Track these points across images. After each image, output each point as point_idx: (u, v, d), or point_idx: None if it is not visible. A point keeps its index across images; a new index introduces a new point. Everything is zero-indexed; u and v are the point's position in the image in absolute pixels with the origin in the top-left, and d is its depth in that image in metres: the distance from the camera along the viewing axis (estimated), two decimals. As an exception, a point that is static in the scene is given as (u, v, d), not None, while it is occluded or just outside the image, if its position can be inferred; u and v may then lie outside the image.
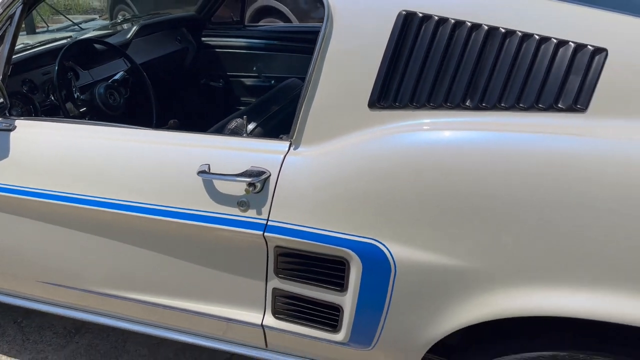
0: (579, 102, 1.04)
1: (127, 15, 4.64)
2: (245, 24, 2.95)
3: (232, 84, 2.89)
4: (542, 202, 1.01)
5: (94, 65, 2.21)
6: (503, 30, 1.08)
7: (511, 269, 1.06)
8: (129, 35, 2.52)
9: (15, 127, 1.52)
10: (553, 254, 1.03)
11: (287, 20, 5.14)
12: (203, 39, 2.90)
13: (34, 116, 1.88)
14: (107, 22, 5.37)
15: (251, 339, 1.46)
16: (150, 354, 2.07)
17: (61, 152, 1.43)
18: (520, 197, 1.03)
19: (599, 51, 1.03)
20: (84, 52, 2.16)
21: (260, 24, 4.86)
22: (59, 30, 3.12)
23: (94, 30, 2.70)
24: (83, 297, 1.62)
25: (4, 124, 1.53)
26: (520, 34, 1.07)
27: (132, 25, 2.60)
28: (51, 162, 1.44)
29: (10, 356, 2.10)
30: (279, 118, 1.64)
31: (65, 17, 3.50)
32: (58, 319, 2.28)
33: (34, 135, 1.50)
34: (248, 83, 2.87)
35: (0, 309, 2.35)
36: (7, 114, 1.56)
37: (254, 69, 2.82)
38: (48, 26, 3.63)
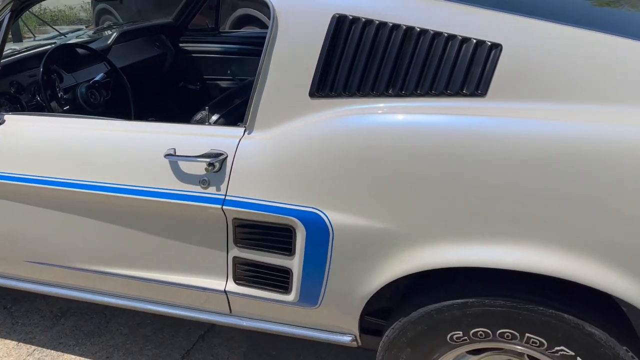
0: (479, 89, 1.25)
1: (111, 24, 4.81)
2: (220, 30, 3.15)
3: (209, 87, 3.09)
4: (449, 172, 1.22)
5: (77, 68, 2.40)
6: (418, 30, 1.29)
7: (426, 229, 1.26)
8: (109, 41, 2.71)
9: (4, 121, 1.71)
10: (459, 215, 1.23)
11: (266, 27, 5.35)
12: (180, 44, 3.10)
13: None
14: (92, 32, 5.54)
15: (217, 306, 1.64)
16: (130, 333, 2.25)
17: (45, 141, 1.62)
18: (431, 168, 1.23)
19: (495, 46, 1.25)
20: (67, 56, 2.34)
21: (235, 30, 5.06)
22: (45, 39, 3.30)
23: (77, 37, 2.89)
24: (66, 275, 1.79)
25: (-5, 118, 1.72)
26: (432, 32, 1.28)
27: (113, 32, 2.79)
28: (36, 151, 1.63)
29: (3, 335, 2.27)
30: (240, 110, 1.83)
31: (52, 27, 3.67)
32: (45, 304, 2.45)
33: (21, 128, 1.69)
34: (223, 85, 3.06)
35: (-11, 295, 2.52)
36: (-3, 110, 1.75)
37: (228, 72, 3.02)
38: (35, 36, 3.79)
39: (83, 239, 1.67)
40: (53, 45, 2.47)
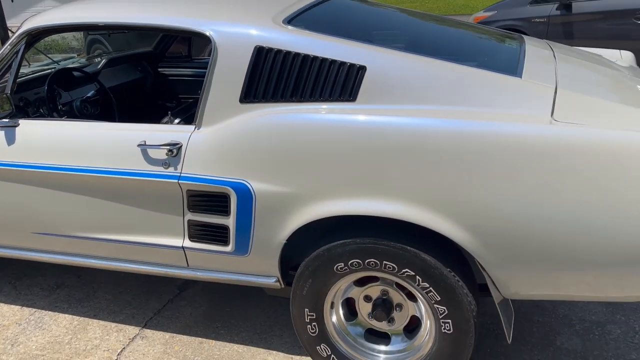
0: (351, 96, 1.85)
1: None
2: (192, 57, 3.76)
3: (183, 104, 3.68)
4: (331, 152, 1.80)
5: (73, 87, 2.97)
6: (312, 56, 1.89)
7: (316, 192, 1.83)
8: (99, 66, 3.30)
9: (19, 125, 2.28)
10: (338, 181, 1.80)
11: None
12: (159, 69, 3.70)
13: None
14: (84, 59, 6.13)
15: (177, 260, 2.20)
16: (114, 298, 2.79)
17: (50, 138, 2.19)
18: (319, 149, 1.81)
19: (362, 67, 1.85)
20: (65, 78, 2.93)
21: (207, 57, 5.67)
22: (40, 66, 3.85)
23: (72, 63, 3.48)
24: (63, 242, 2.34)
25: (11, 123, 2.28)
26: (320, 57, 1.88)
27: (102, 58, 3.39)
28: (43, 145, 2.20)
29: (6, 303, 2.79)
30: (193, 114, 2.41)
31: (46, 55, 4.24)
32: (43, 280, 2.98)
33: (31, 129, 2.26)
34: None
35: (-2, 273, 3.06)
36: (13, 117, 2.32)
37: (199, 92, 3.61)
38: (30, 64, 4.32)
39: (77, 212, 2.23)
40: (54, 69, 3.06)
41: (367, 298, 2.04)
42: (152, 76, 3.66)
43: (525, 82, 1.82)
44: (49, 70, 3.07)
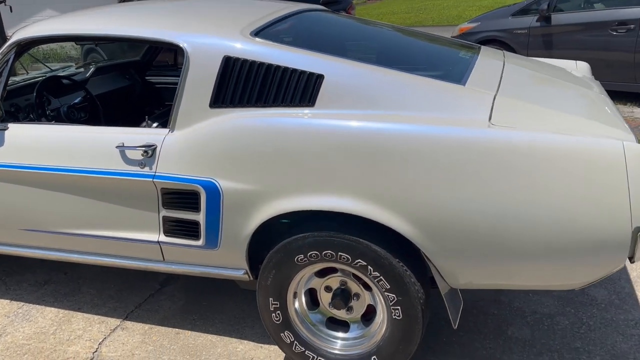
0: (310, 101, 2.02)
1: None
2: (178, 66, 3.94)
3: (169, 111, 3.85)
4: (290, 151, 1.97)
5: (62, 94, 3.15)
6: (275, 65, 2.06)
7: (277, 189, 2.00)
8: (88, 74, 3.48)
9: (8, 128, 2.45)
10: (296, 180, 1.97)
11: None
12: (146, 77, 3.88)
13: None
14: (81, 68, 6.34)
15: (154, 254, 2.36)
16: (97, 293, 2.95)
17: (36, 140, 2.36)
18: (280, 149, 1.98)
19: (320, 76, 2.02)
20: (54, 85, 3.10)
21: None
22: (38, 74, 4.05)
23: (65, 71, 3.66)
24: (49, 238, 2.50)
25: (1, 126, 2.46)
26: (283, 66, 2.06)
27: (91, 67, 3.57)
28: (29, 147, 2.36)
29: (-3, 298, 2.96)
30: (167, 118, 2.59)
31: (45, 64, 4.43)
32: (32, 276, 3.15)
33: (19, 132, 2.43)
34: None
35: (-11, 270, 3.21)
36: (3, 121, 2.49)
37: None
38: (28, 72, 4.54)
39: (61, 209, 2.39)
40: (44, 77, 3.23)
41: (328, 288, 2.20)
42: (140, 84, 3.84)
43: (468, 90, 1.99)
44: (40, 78, 3.25)
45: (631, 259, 1.78)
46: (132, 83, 3.81)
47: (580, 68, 2.92)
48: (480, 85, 2.06)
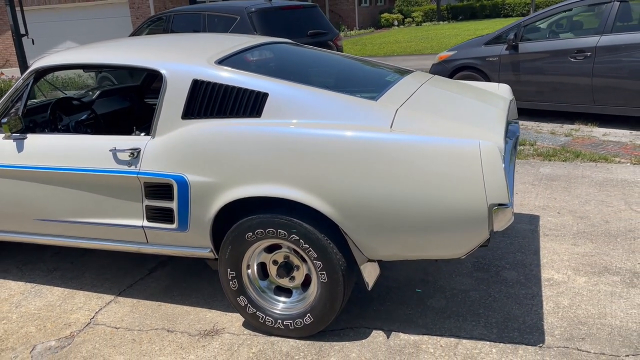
0: (257, 113, 2.62)
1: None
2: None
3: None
4: (239, 152, 2.56)
5: (71, 113, 3.80)
6: (231, 86, 2.67)
7: (233, 181, 2.59)
8: (94, 97, 4.14)
9: (27, 137, 3.09)
10: (245, 173, 2.56)
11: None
12: (145, 100, 4.54)
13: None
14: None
15: (138, 237, 2.94)
16: (97, 276, 3.54)
17: (48, 147, 2.99)
18: (235, 150, 2.57)
19: (266, 94, 2.63)
20: (65, 105, 3.75)
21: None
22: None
23: (74, 94, 4.32)
24: (56, 226, 3.10)
25: (21, 136, 3.09)
26: (237, 87, 2.66)
27: (97, 91, 4.23)
28: (43, 152, 2.99)
29: (14, 280, 3.56)
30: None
31: (61, 91, 5.14)
32: (44, 265, 3.75)
33: (35, 141, 3.06)
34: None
35: (6, 257, 3.82)
36: (23, 132, 3.13)
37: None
38: (46, 98, 5.22)
39: (67, 201, 3.00)
40: (55, 98, 3.89)
41: (275, 262, 2.76)
42: (139, 105, 4.49)
43: (378, 104, 2.58)
44: (53, 99, 3.90)
45: (492, 232, 2.33)
46: (132, 105, 4.46)
47: (501, 89, 3.50)
48: (390, 100, 2.64)
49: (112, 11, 17.61)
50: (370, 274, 2.62)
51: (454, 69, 7.45)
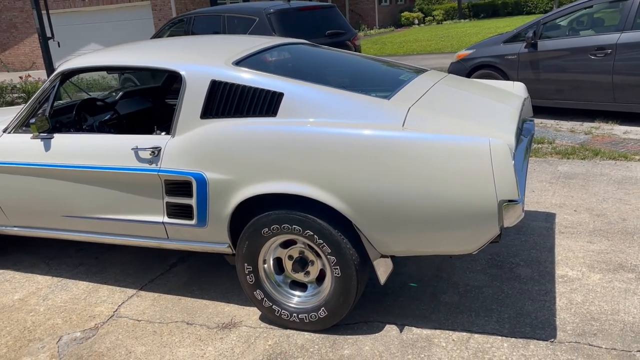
0: (273, 112, 2.70)
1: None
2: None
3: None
4: (258, 150, 2.64)
5: (95, 113, 3.93)
6: (248, 86, 2.75)
7: (249, 179, 2.67)
8: (117, 97, 4.27)
9: (54, 137, 3.21)
10: (260, 171, 2.64)
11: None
12: (166, 100, 4.66)
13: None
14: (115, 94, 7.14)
15: (159, 233, 3.04)
16: (120, 272, 3.66)
17: (74, 146, 3.11)
18: (250, 148, 2.65)
19: (281, 94, 2.70)
20: (90, 106, 3.88)
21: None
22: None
23: (98, 95, 4.46)
24: (83, 222, 3.23)
25: (49, 136, 3.22)
26: (254, 87, 2.74)
27: (120, 92, 4.36)
28: (69, 151, 3.11)
29: (41, 275, 3.70)
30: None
31: (86, 92, 5.28)
32: (70, 260, 3.88)
33: (62, 140, 3.18)
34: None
35: (34, 253, 3.97)
36: (50, 132, 3.26)
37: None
38: (71, 99, 5.38)
39: (92, 198, 3.12)
40: (82, 99, 4.03)
41: (290, 257, 2.84)
42: (160, 105, 4.61)
43: (390, 103, 2.64)
44: (78, 100, 4.04)
45: (502, 228, 2.37)
46: (154, 105, 4.58)
47: (515, 87, 3.52)
48: (402, 99, 2.70)
49: (135, 13, 17.92)
50: (382, 269, 2.67)
51: (472, 68, 7.44)
